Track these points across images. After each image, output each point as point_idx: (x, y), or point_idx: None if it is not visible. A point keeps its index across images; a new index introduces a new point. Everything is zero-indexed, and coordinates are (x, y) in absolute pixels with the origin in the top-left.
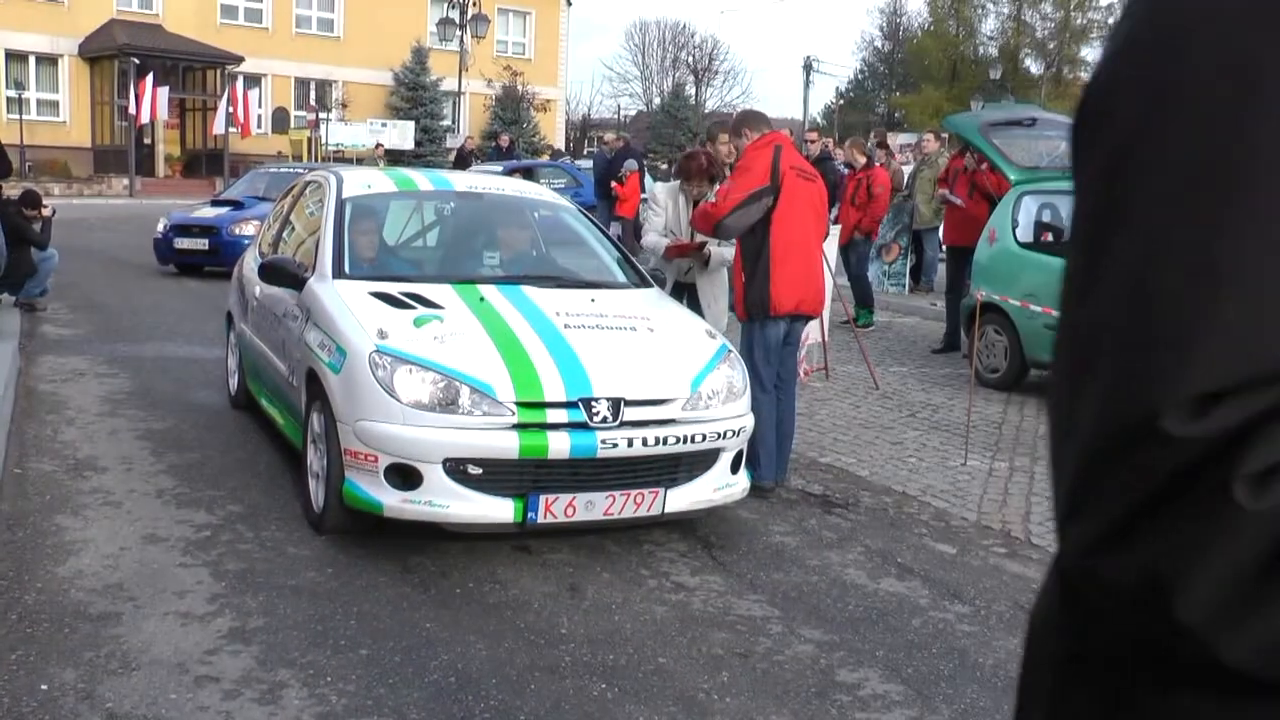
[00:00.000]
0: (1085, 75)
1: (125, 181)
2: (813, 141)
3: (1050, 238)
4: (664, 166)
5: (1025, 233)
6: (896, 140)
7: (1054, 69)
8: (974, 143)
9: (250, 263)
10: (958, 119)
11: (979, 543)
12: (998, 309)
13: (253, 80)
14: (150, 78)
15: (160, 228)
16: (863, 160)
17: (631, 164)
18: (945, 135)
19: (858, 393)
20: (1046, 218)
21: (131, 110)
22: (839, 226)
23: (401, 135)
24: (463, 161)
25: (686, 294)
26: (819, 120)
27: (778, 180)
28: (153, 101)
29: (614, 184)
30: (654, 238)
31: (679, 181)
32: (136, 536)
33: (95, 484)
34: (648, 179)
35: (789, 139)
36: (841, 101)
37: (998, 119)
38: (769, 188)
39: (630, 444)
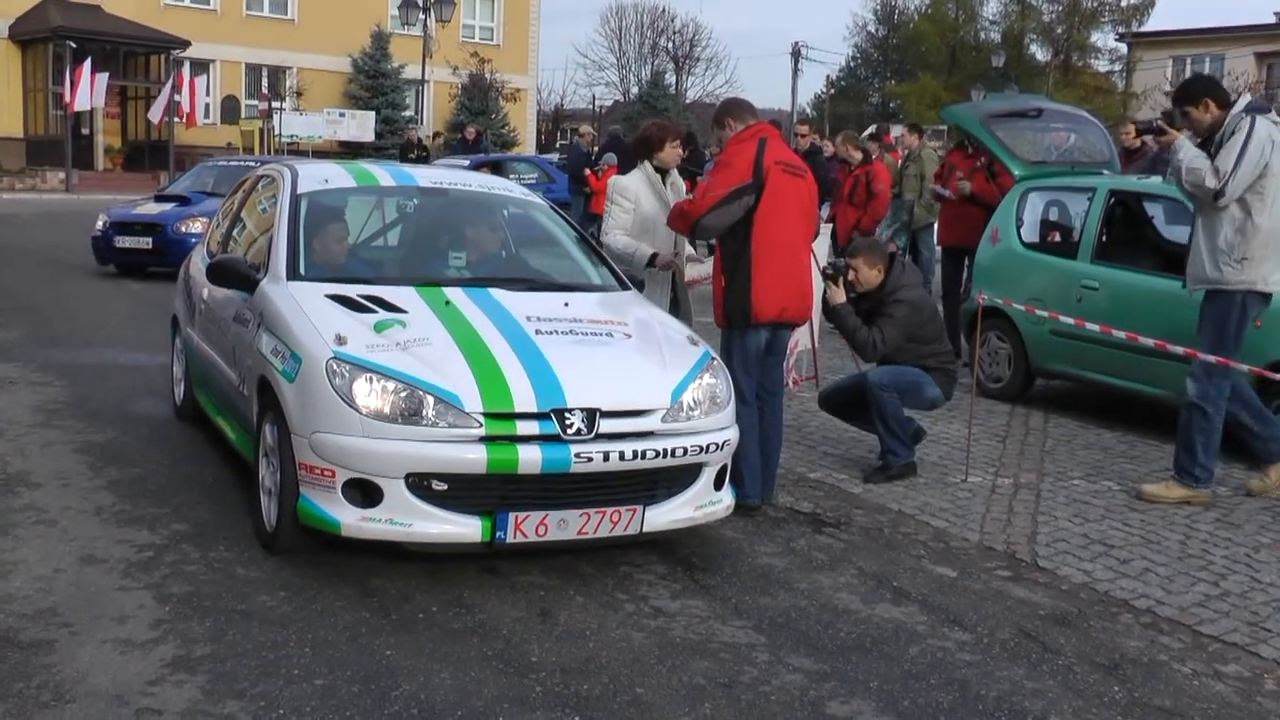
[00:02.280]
0: (1095, 63)
1: (61, 175)
2: (803, 135)
3: (1057, 238)
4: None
5: (1030, 232)
6: (893, 131)
7: (1062, 56)
8: (975, 135)
9: (198, 263)
10: (957, 110)
11: (981, 565)
12: (1001, 314)
13: (200, 66)
14: (88, 63)
15: (99, 225)
16: (857, 156)
17: (611, 157)
18: (930, 130)
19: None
20: (1053, 216)
21: (67, 97)
22: (830, 225)
23: (360, 126)
24: (409, 155)
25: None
26: (809, 111)
27: (761, 176)
28: (90, 88)
29: (589, 173)
30: (621, 239)
31: (645, 163)
32: (73, 557)
33: (27, 501)
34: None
35: (776, 131)
36: (832, 91)
37: (1001, 110)
38: (751, 185)
39: (606, 458)
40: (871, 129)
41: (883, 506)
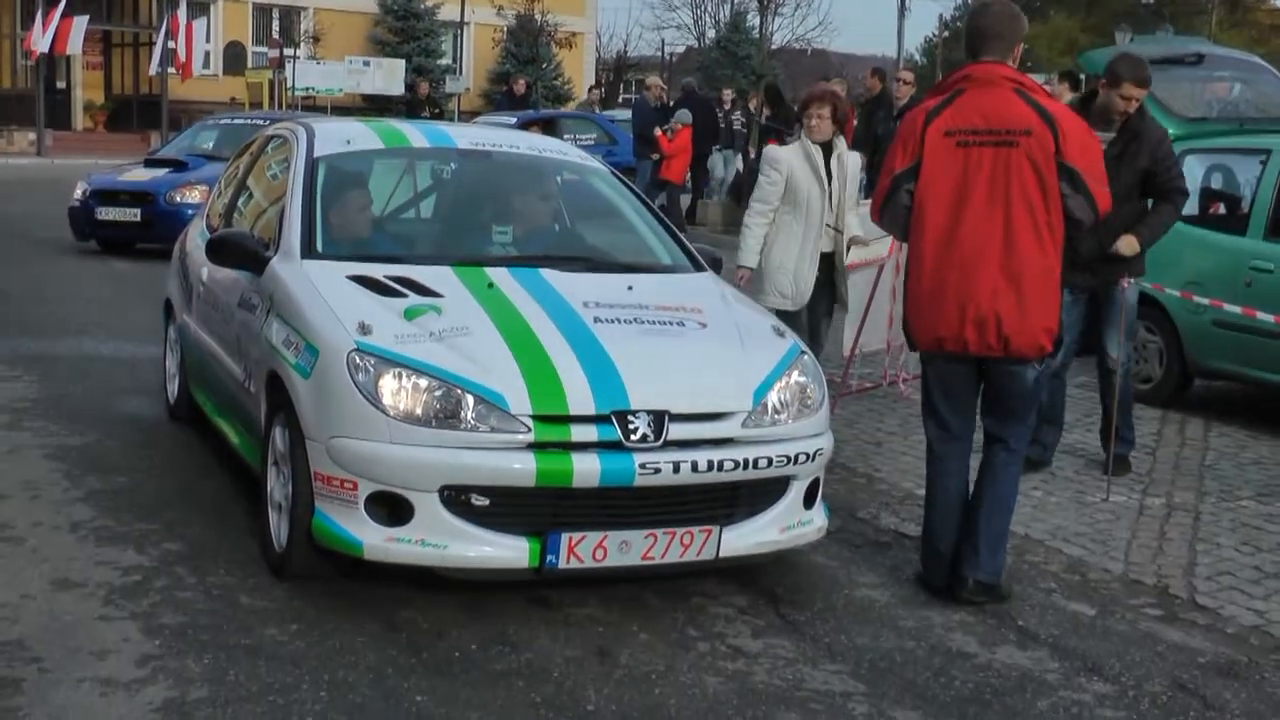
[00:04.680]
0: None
1: (32, 136)
2: (907, 82)
3: (1222, 210)
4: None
5: (1189, 204)
6: None
7: None
8: None
9: (195, 239)
10: (1098, 55)
11: (1125, 602)
12: (1151, 301)
13: (199, 7)
14: (63, 3)
15: (78, 194)
16: None
17: (685, 115)
18: (1082, 77)
19: None
20: (1216, 184)
21: (36, 42)
22: None
23: (389, 77)
24: (419, 114)
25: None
26: (917, 58)
27: (918, 154)
28: (63, 33)
29: (659, 133)
30: (752, 222)
31: (802, 130)
32: (44, 581)
33: None
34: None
35: (994, 70)
36: (946, 34)
37: (1152, 55)
38: (911, 169)
39: (677, 469)
40: None
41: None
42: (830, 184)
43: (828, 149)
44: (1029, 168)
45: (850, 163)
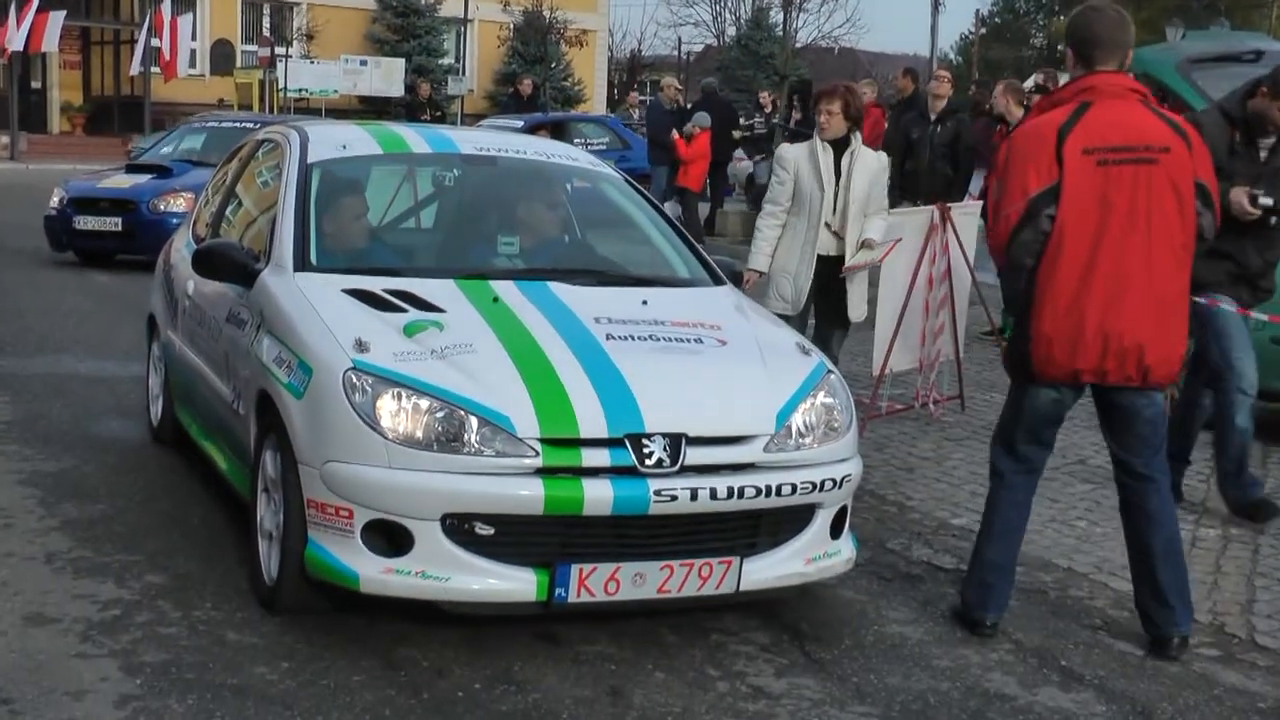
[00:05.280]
0: None
1: (5, 140)
2: (945, 80)
3: (1275, 221)
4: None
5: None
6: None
7: None
8: (1171, 87)
9: (181, 250)
10: (1147, 54)
11: None
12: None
13: (184, 3)
14: None
15: (55, 202)
16: (1018, 113)
17: (703, 117)
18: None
19: None
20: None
21: (10, 40)
22: (980, 203)
23: (387, 77)
24: (419, 116)
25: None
26: (952, 57)
27: (1059, 173)
28: (38, 30)
29: (676, 137)
30: (763, 225)
31: (816, 127)
32: (16, 617)
33: None
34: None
35: (1118, 81)
36: (983, 30)
37: (1205, 53)
38: (1049, 192)
39: (694, 496)
40: (1035, 79)
41: (1047, 562)
42: (838, 184)
43: (841, 147)
44: (1169, 187)
45: (870, 162)
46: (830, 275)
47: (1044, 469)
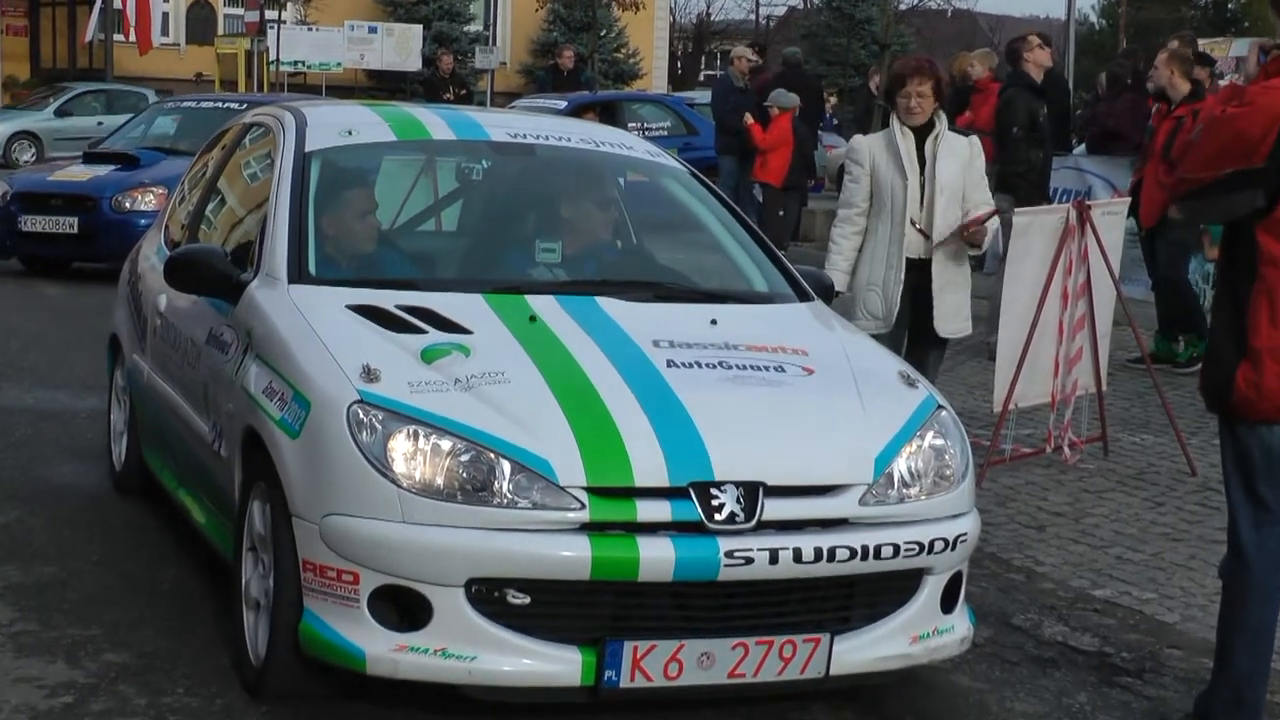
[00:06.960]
0: None
1: None
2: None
3: None
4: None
5: None
6: (1229, 50)
7: None
8: None
9: (151, 257)
10: None
11: None
12: None
13: None
14: None
15: None
16: (1184, 87)
17: (784, 96)
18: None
19: (1159, 481)
20: None
21: None
22: (1126, 200)
23: (401, 48)
24: (442, 95)
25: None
26: (1093, 19)
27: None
28: None
29: (749, 122)
30: (838, 234)
31: (895, 115)
32: None
33: None
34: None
35: None
36: None
37: None
38: (1260, 171)
39: (774, 559)
40: (1196, 46)
41: (1212, 646)
42: (922, 173)
43: (924, 132)
44: None
45: (958, 148)
46: (919, 284)
47: None
